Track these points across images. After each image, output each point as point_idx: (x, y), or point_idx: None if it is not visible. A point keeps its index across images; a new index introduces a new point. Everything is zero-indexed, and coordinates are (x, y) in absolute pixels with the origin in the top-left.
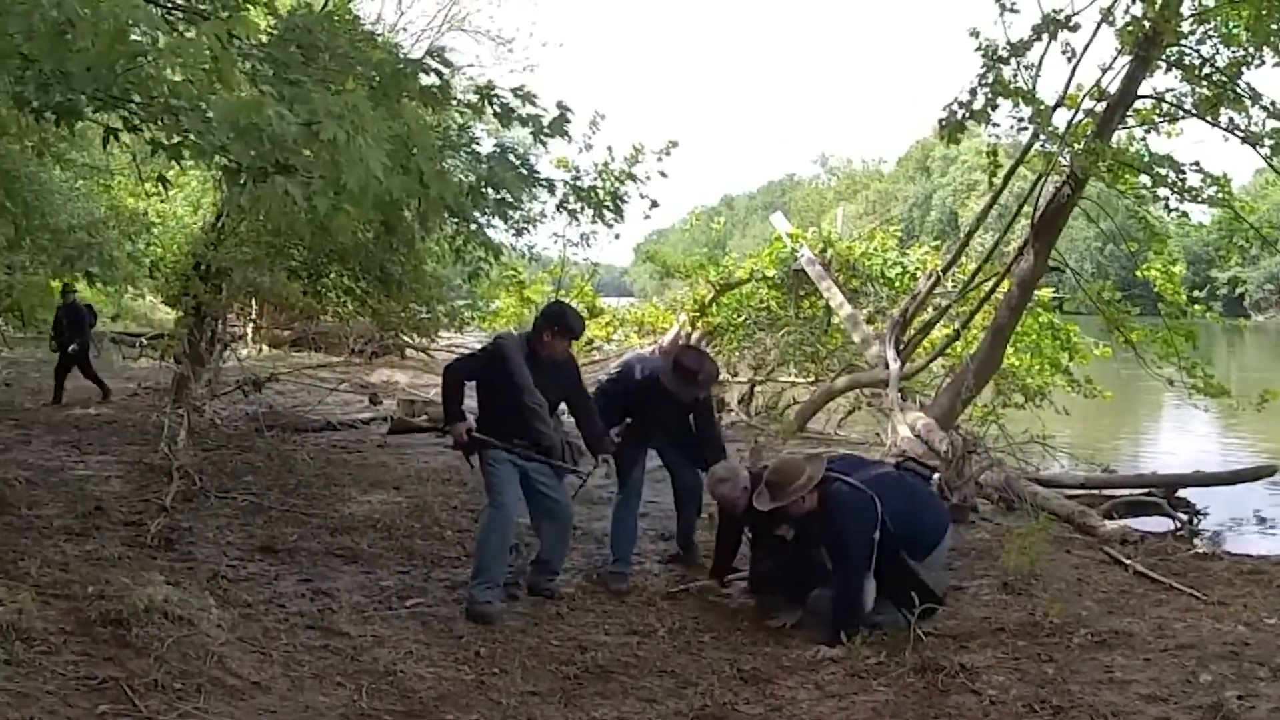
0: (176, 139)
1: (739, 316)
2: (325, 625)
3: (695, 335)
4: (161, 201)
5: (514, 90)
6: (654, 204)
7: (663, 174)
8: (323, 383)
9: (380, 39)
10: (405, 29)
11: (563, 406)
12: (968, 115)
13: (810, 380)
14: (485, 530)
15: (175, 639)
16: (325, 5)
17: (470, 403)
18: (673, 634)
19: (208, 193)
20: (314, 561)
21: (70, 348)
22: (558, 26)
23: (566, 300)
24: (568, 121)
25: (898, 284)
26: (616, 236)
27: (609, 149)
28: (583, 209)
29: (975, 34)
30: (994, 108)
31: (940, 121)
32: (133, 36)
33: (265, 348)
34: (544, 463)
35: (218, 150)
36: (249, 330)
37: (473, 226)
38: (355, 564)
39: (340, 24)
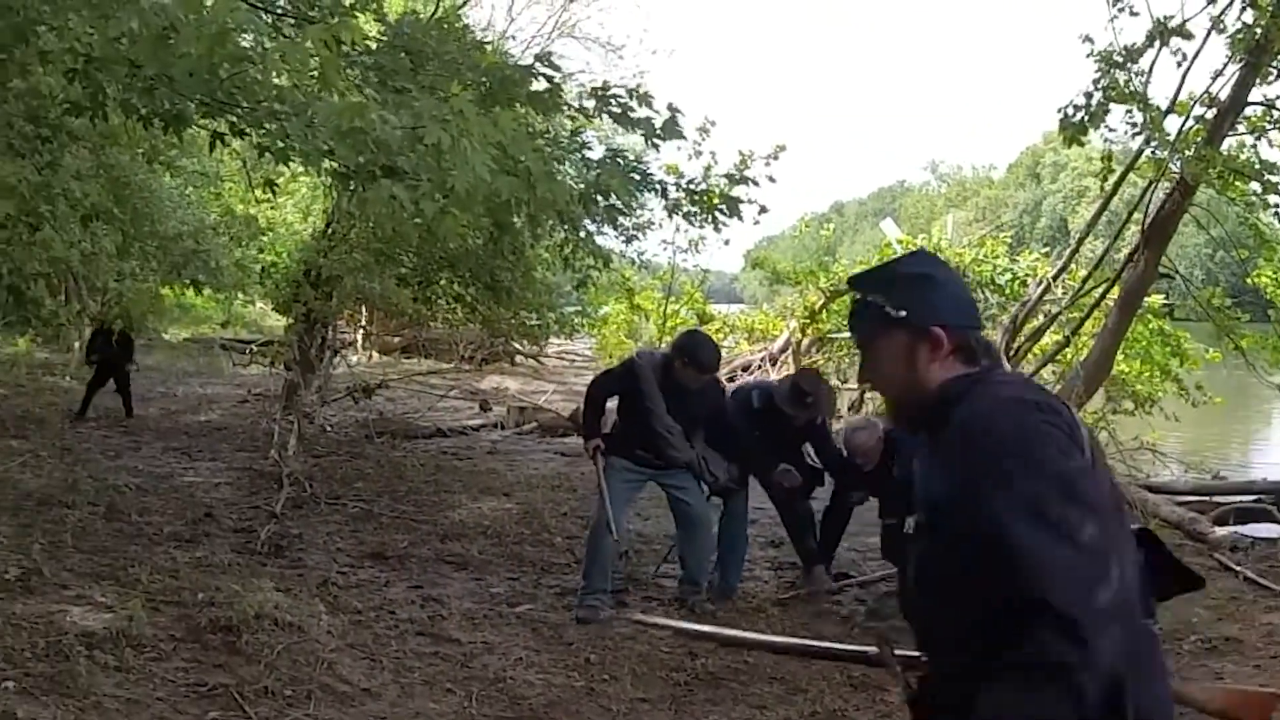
0: (283, 143)
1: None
2: (435, 632)
3: (805, 342)
4: (271, 208)
5: (630, 90)
6: (763, 209)
7: (771, 179)
8: (432, 389)
9: (489, 47)
10: (514, 37)
11: None
12: (1086, 118)
13: None
14: (589, 537)
15: (285, 645)
16: (435, 13)
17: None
18: None
19: (317, 199)
20: (424, 568)
21: (130, 367)
22: (667, 34)
23: (701, 330)
24: (679, 124)
25: (1008, 291)
26: (726, 243)
27: (713, 154)
28: (696, 213)
29: (1088, 39)
30: (1106, 112)
31: (1060, 123)
32: (238, 42)
33: (375, 354)
34: (674, 469)
35: (324, 155)
36: (359, 337)
37: (581, 234)
38: (465, 570)
39: (449, 31)
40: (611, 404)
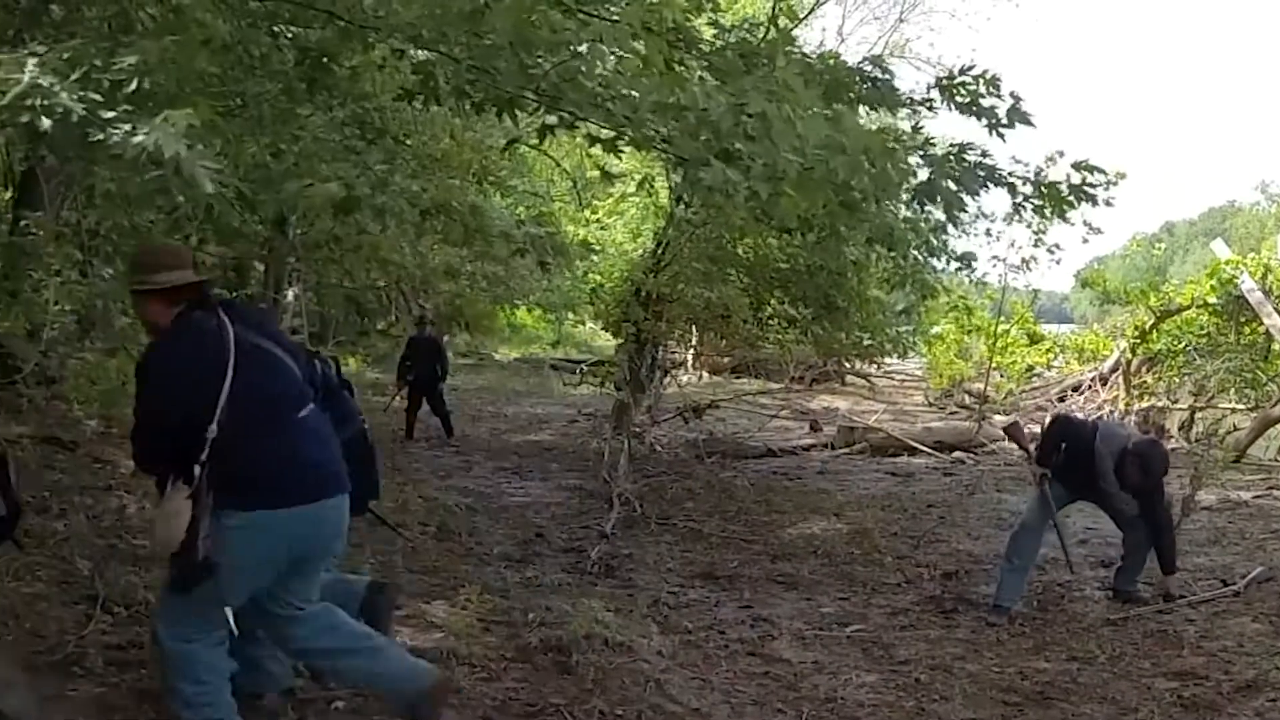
0: (612, 133)
1: (1179, 343)
2: (765, 651)
3: (1135, 362)
4: (601, 229)
5: (976, 76)
6: (1096, 230)
7: (1108, 203)
8: (763, 409)
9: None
10: (840, 56)
11: None
12: None
13: (1250, 407)
14: (1012, 546)
15: (615, 666)
16: (766, 34)
17: None
18: (1113, 660)
19: (647, 220)
20: (754, 588)
21: (439, 387)
22: (996, 54)
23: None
24: (1023, 112)
25: None
26: (1057, 261)
27: (1052, 158)
28: (1044, 208)
29: None
30: None
31: None
32: (551, 25)
33: (705, 374)
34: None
35: (656, 143)
36: (689, 356)
37: (910, 263)
38: (795, 590)
39: (779, 40)
40: None
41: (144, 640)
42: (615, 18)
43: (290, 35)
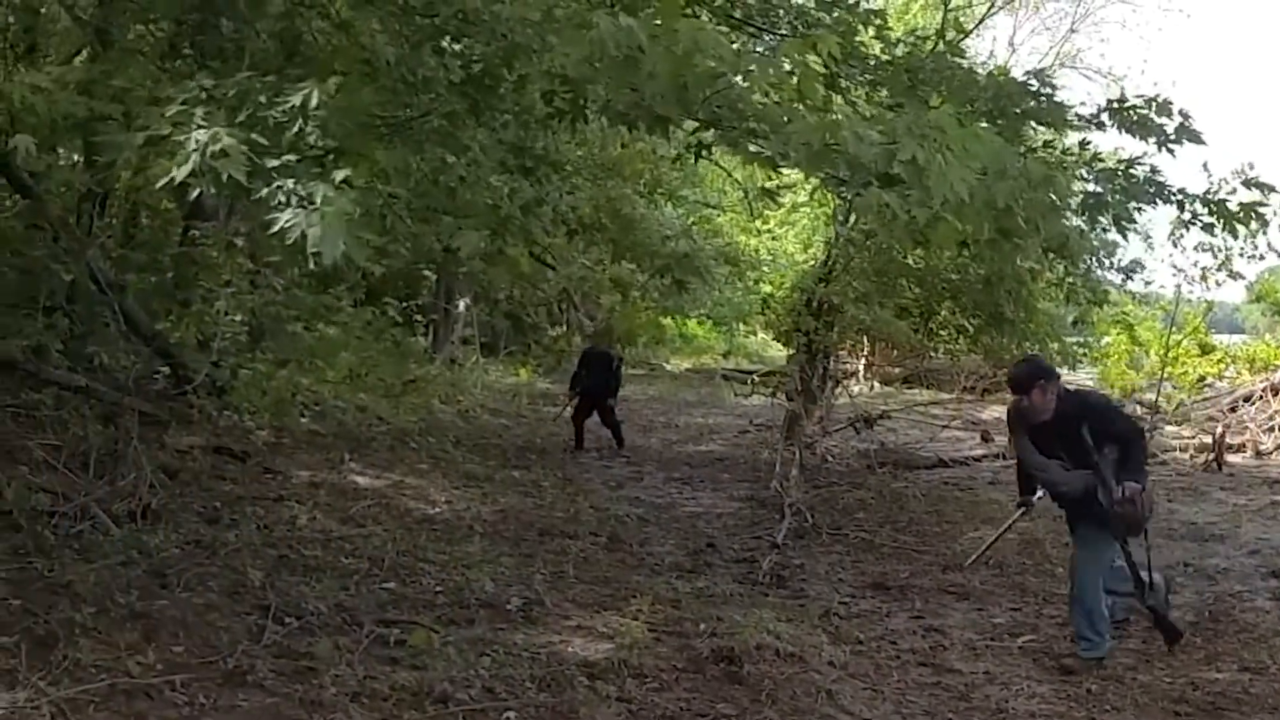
0: (768, 155)
1: None
2: (936, 662)
3: None
4: (773, 239)
5: (1148, 100)
6: (1277, 252)
7: None
8: (934, 419)
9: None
10: (1009, 70)
11: None
12: None
13: None
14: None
15: (786, 676)
16: (935, 46)
17: None
18: None
19: (818, 230)
20: (925, 598)
21: (609, 400)
22: (1169, 64)
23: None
24: (1192, 130)
25: None
26: (1231, 277)
27: (1241, 170)
28: (1212, 225)
29: None
30: None
31: None
32: (708, 61)
33: (876, 384)
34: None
35: (809, 167)
36: (861, 367)
37: (1080, 269)
38: (966, 600)
39: (945, 54)
40: None
41: (315, 650)
42: (781, 31)
43: (455, 50)
